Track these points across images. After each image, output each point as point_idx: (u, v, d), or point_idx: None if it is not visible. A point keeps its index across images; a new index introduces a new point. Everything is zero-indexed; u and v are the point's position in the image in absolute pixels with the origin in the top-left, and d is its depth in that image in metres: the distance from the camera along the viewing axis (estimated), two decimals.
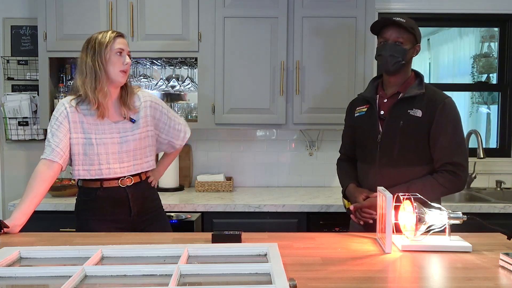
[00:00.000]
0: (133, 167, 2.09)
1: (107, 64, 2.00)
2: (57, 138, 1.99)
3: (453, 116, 2.02)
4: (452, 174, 1.98)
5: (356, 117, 2.19)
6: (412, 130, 2.01)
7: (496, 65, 3.46)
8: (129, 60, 2.05)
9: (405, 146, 2.02)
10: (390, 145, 2.04)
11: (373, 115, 2.10)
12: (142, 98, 2.15)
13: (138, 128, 2.10)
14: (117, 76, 2.02)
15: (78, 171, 2.04)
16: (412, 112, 2.01)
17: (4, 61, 3.25)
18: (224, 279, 1.32)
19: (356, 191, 2.12)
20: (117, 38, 2.03)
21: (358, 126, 2.18)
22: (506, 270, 1.40)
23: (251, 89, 2.95)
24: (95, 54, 1.99)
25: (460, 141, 2.02)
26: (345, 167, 2.31)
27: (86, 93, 2.00)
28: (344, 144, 2.34)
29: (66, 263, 1.45)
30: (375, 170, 2.07)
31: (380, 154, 2.05)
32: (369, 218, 2.01)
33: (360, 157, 2.20)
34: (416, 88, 2.04)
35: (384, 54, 2.02)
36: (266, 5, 2.92)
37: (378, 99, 2.12)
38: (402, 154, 2.02)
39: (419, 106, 2.01)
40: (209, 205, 2.74)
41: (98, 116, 2.01)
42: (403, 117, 2.02)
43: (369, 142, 2.10)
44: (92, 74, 1.99)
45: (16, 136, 3.25)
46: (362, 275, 1.37)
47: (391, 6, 3.25)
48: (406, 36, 2.02)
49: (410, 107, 2.02)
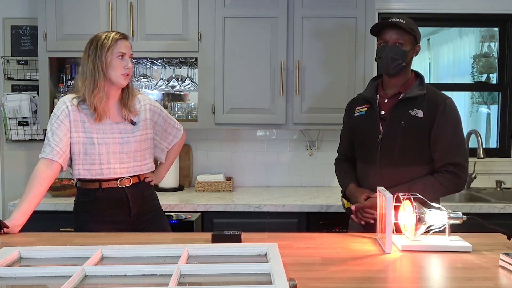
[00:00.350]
0: (133, 168, 2.09)
1: (108, 68, 1.99)
2: (57, 137, 1.98)
3: (454, 117, 2.02)
4: (453, 174, 1.99)
5: (356, 117, 2.18)
6: (413, 130, 2.01)
7: (496, 65, 3.46)
8: (130, 64, 2.04)
9: (405, 146, 2.02)
10: (390, 145, 2.04)
11: (374, 115, 2.10)
12: (142, 101, 2.17)
13: (138, 130, 2.10)
14: (118, 79, 2.02)
15: (78, 171, 2.04)
16: (413, 113, 2.01)
17: (4, 61, 3.25)
18: (224, 279, 1.32)
19: (357, 191, 2.12)
20: (120, 41, 2.02)
21: (358, 126, 2.18)
22: (506, 270, 1.40)
23: (251, 89, 2.95)
24: (96, 57, 1.99)
25: (461, 141, 2.03)
26: (344, 167, 2.30)
27: (84, 95, 2.01)
28: (342, 143, 2.34)
29: (66, 263, 1.45)
30: (376, 170, 2.07)
31: (381, 154, 2.05)
32: (370, 218, 2.01)
33: (360, 157, 2.20)
34: (417, 88, 2.04)
35: (385, 57, 2.02)
36: (266, 5, 2.92)
37: (379, 99, 2.12)
38: (403, 154, 2.02)
39: (420, 106, 2.01)
40: (209, 205, 2.74)
41: (95, 119, 2.01)
42: (404, 117, 2.02)
43: (369, 142, 2.10)
44: (92, 78, 1.99)
45: (16, 136, 3.25)
46: (362, 275, 1.37)
47: (391, 6, 3.25)
48: (406, 38, 2.02)
49: (411, 107, 2.02)
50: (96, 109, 1.99)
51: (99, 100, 1.99)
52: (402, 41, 2.01)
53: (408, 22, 2.02)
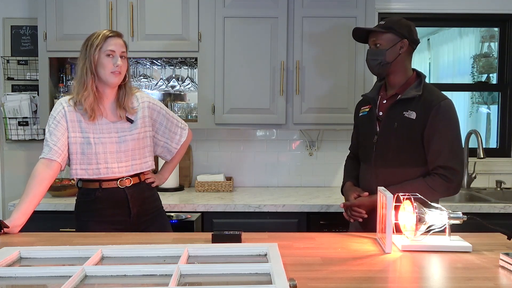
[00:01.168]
0: (132, 167, 2.09)
1: (97, 67, 1.99)
2: (55, 137, 1.98)
3: (448, 119, 1.98)
4: (444, 178, 1.95)
5: (360, 117, 2.23)
6: (405, 132, 2.00)
7: (496, 65, 3.46)
8: (120, 62, 2.00)
9: (399, 147, 2.02)
10: (385, 146, 2.05)
11: (372, 116, 2.12)
12: (140, 99, 2.15)
13: (136, 128, 2.10)
14: (108, 78, 2.00)
15: (76, 170, 2.04)
16: (407, 114, 2.00)
17: (4, 61, 3.25)
18: (224, 279, 1.32)
19: (350, 189, 2.16)
20: (110, 38, 2.00)
21: (360, 126, 2.23)
22: (506, 270, 1.40)
23: (251, 89, 2.95)
24: (86, 57, 1.99)
25: (454, 144, 1.98)
26: (348, 165, 2.35)
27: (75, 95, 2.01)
28: (352, 142, 2.38)
29: (66, 263, 1.45)
30: (371, 170, 2.09)
31: (376, 154, 2.07)
32: (358, 217, 2.05)
33: (360, 157, 2.24)
34: (414, 89, 2.03)
35: (367, 60, 2.10)
36: (266, 5, 2.92)
37: (379, 100, 2.14)
38: (397, 155, 2.03)
39: (414, 108, 2.00)
40: (209, 205, 2.74)
41: (89, 118, 2.01)
42: (397, 118, 2.02)
43: (367, 142, 2.13)
44: (80, 77, 2.00)
45: (16, 136, 3.26)
46: (362, 275, 1.37)
47: (391, 6, 3.25)
48: (384, 37, 2.02)
49: (406, 108, 2.01)
50: (86, 109, 2.00)
51: (86, 99, 1.98)
52: (379, 41, 2.03)
53: (388, 21, 2.04)
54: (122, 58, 2.02)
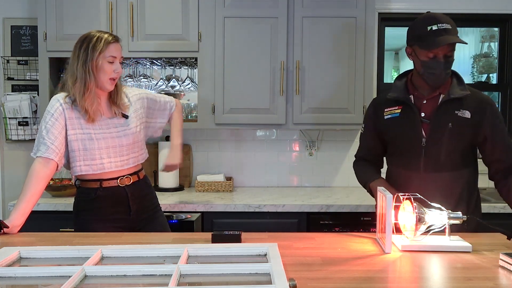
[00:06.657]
0: (132, 159, 2.11)
1: (98, 71, 1.99)
2: (52, 135, 1.97)
3: (501, 116, 2.01)
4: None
5: (387, 119, 2.05)
6: (460, 131, 1.94)
7: (496, 65, 3.47)
8: (119, 68, 2.04)
9: (451, 149, 1.95)
10: (436, 149, 1.96)
11: (413, 118, 1.98)
12: (129, 94, 2.18)
13: (132, 123, 2.12)
14: (105, 84, 2.02)
15: (79, 167, 2.03)
16: (460, 114, 1.94)
17: (4, 61, 3.26)
18: (224, 279, 1.32)
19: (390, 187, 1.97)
20: (112, 44, 2.01)
21: (391, 129, 2.05)
22: (506, 270, 1.40)
23: (251, 89, 2.95)
24: (87, 60, 1.98)
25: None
26: (365, 165, 2.18)
27: (75, 97, 2.00)
28: (362, 148, 2.21)
29: (66, 263, 1.45)
30: (420, 176, 1.97)
31: (425, 159, 1.96)
32: None
33: (398, 163, 2.07)
34: (457, 88, 1.96)
35: (438, 73, 1.90)
36: (266, 5, 2.92)
37: (414, 100, 2.01)
38: (449, 157, 1.96)
39: (467, 107, 1.95)
40: (209, 205, 2.74)
41: (87, 120, 2.01)
42: (451, 118, 1.94)
43: (410, 147, 1.99)
44: (83, 81, 1.99)
45: (16, 136, 3.26)
46: (362, 275, 1.37)
47: (391, 6, 3.25)
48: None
49: (457, 108, 1.95)
50: (86, 111, 1.99)
51: (90, 103, 1.99)
52: (452, 51, 1.91)
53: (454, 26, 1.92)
54: (120, 64, 2.07)
